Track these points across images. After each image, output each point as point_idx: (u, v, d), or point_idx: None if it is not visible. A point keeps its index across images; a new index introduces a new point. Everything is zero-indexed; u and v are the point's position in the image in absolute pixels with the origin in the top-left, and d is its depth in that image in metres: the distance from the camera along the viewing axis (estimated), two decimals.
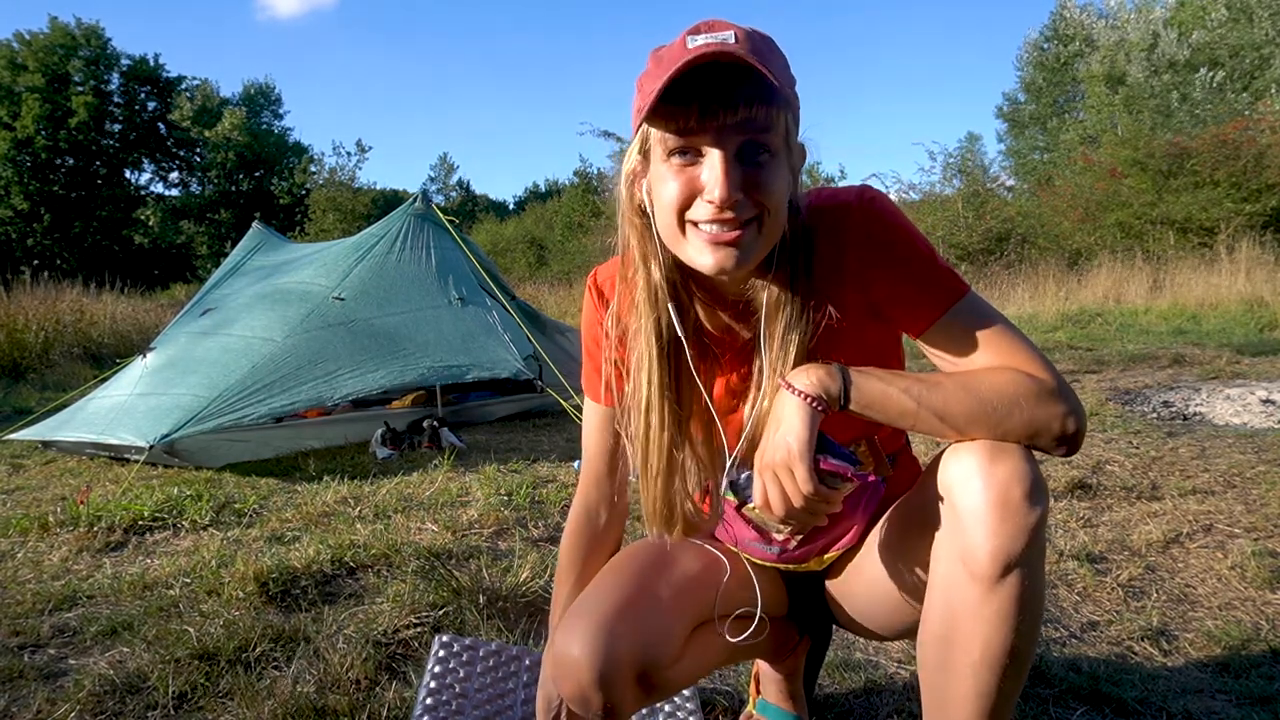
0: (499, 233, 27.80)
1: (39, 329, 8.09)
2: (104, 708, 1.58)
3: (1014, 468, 0.89)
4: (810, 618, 1.37)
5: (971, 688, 0.92)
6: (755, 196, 0.91)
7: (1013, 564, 0.88)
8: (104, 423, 3.88)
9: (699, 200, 0.92)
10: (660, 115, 0.90)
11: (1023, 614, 0.89)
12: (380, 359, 4.28)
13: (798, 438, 0.92)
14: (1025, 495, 0.88)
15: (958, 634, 0.92)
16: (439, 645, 1.53)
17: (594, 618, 1.04)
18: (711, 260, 0.93)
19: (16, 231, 30.85)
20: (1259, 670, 1.62)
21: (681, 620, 1.12)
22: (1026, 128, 26.09)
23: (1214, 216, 12.43)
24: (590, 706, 1.03)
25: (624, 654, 1.02)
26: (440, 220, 5.29)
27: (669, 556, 1.19)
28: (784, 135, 0.93)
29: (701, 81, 0.88)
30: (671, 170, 0.93)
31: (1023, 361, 0.96)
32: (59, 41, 32.10)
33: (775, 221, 0.94)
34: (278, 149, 35.69)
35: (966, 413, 0.93)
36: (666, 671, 1.08)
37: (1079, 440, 0.95)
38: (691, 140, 0.91)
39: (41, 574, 2.40)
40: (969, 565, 0.90)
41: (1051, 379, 0.95)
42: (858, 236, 1.00)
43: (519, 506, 2.93)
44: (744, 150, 0.91)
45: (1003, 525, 0.88)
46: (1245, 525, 2.47)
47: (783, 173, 0.94)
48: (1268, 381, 5.00)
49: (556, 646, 1.05)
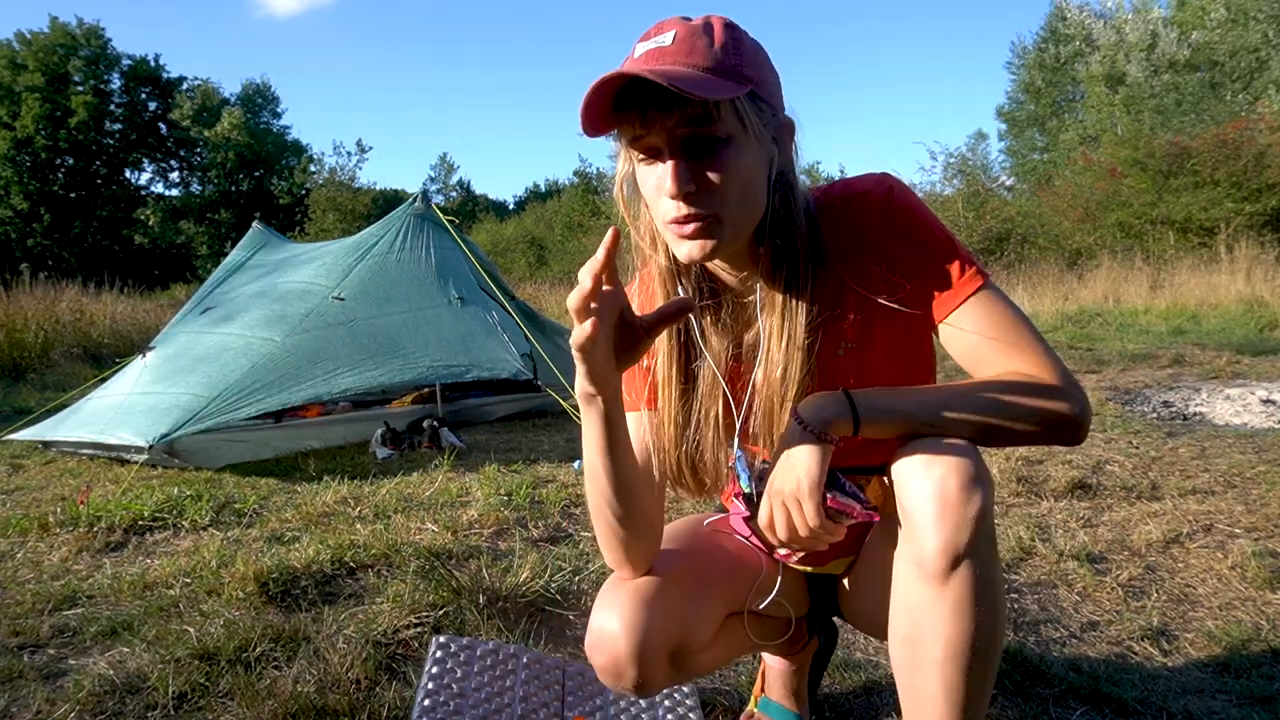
0: (499, 233, 27.80)
1: (39, 329, 8.09)
2: (104, 708, 1.58)
3: (949, 463, 0.90)
4: (822, 618, 1.38)
5: (939, 685, 0.92)
6: (711, 186, 0.93)
7: (960, 557, 0.88)
8: (104, 422, 3.88)
9: (664, 197, 0.95)
10: (615, 124, 0.94)
11: (978, 605, 0.90)
12: (380, 359, 4.28)
13: (808, 473, 0.92)
14: (962, 487, 0.88)
15: (919, 633, 0.93)
16: (436, 646, 1.53)
17: (637, 593, 1.05)
18: (684, 250, 0.96)
19: (16, 231, 30.86)
20: (1259, 670, 1.62)
21: (717, 607, 1.15)
22: (1026, 128, 26.10)
23: (1214, 216, 12.44)
24: (623, 680, 1.05)
25: (660, 632, 1.04)
26: (440, 220, 5.29)
27: (711, 543, 1.21)
28: (739, 119, 0.94)
29: (640, 88, 0.90)
30: (643, 172, 0.97)
31: (1030, 359, 0.97)
32: (59, 41, 32.12)
33: (738, 211, 0.96)
34: (277, 149, 35.71)
35: (972, 428, 0.94)
36: (697, 655, 1.11)
37: (1083, 433, 0.96)
38: (645, 144, 0.95)
39: (41, 574, 2.40)
40: (920, 564, 0.91)
41: (1057, 378, 0.96)
42: (877, 220, 1.02)
43: (519, 506, 2.93)
44: (691, 145, 0.93)
45: (943, 520, 0.88)
46: (1245, 525, 2.47)
47: (741, 159, 0.95)
48: (1268, 381, 5.01)
49: (595, 618, 1.06)
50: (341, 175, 27.63)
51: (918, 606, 0.93)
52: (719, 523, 1.27)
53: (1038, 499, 2.82)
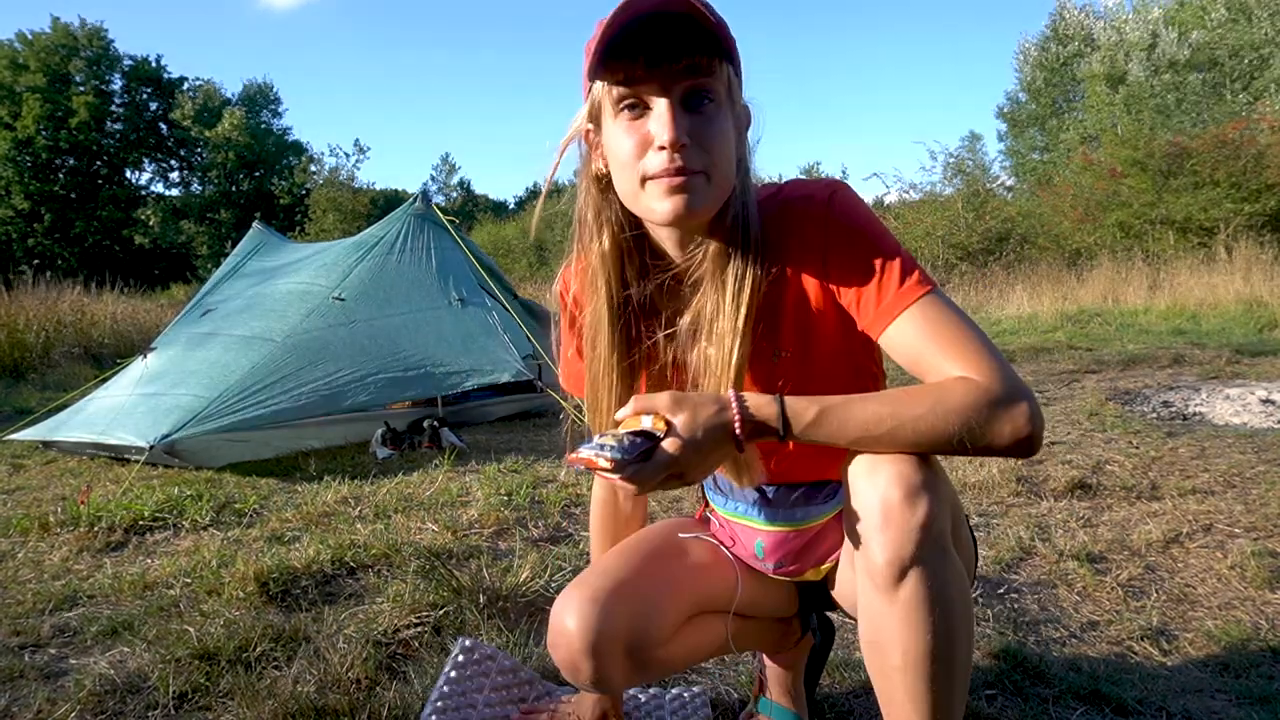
0: (499, 233, 27.78)
1: (39, 329, 8.09)
2: (104, 708, 1.58)
3: (890, 472, 0.88)
4: (815, 617, 1.38)
5: (903, 691, 0.92)
6: (702, 143, 0.93)
7: (906, 567, 0.87)
8: (104, 423, 3.89)
9: (650, 151, 0.93)
10: (606, 69, 0.93)
11: (930, 615, 0.88)
12: (380, 360, 4.28)
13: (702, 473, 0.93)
14: (904, 498, 0.87)
15: (879, 640, 0.93)
16: (461, 650, 1.52)
17: (590, 591, 1.09)
18: (668, 206, 0.94)
19: (17, 231, 30.88)
20: (1259, 670, 1.62)
21: (676, 604, 1.16)
22: (1026, 128, 26.09)
23: (1214, 216, 12.43)
24: (580, 674, 1.08)
25: (615, 628, 1.07)
26: (440, 220, 5.29)
27: (678, 546, 1.24)
28: (727, 85, 0.95)
29: (643, 34, 0.89)
30: (622, 126, 0.95)
31: (976, 366, 0.92)
32: (61, 41, 32.13)
33: (723, 173, 0.95)
34: (277, 149, 35.71)
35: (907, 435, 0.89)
36: (657, 650, 1.12)
37: (1034, 443, 0.90)
38: (638, 89, 0.93)
39: (42, 574, 2.40)
40: (870, 575, 0.90)
41: (1000, 385, 0.90)
42: (819, 223, 1.00)
43: (519, 506, 2.93)
44: (689, 97, 0.93)
45: (886, 531, 0.87)
46: (1245, 525, 2.47)
47: (727, 125, 0.95)
48: (1268, 381, 5.00)
49: (553, 615, 1.10)
50: (341, 175, 27.64)
51: (873, 615, 0.92)
52: (692, 526, 1.31)
53: (1037, 499, 2.82)
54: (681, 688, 1.57)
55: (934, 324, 0.95)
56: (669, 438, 0.90)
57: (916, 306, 0.96)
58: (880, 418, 0.90)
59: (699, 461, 0.91)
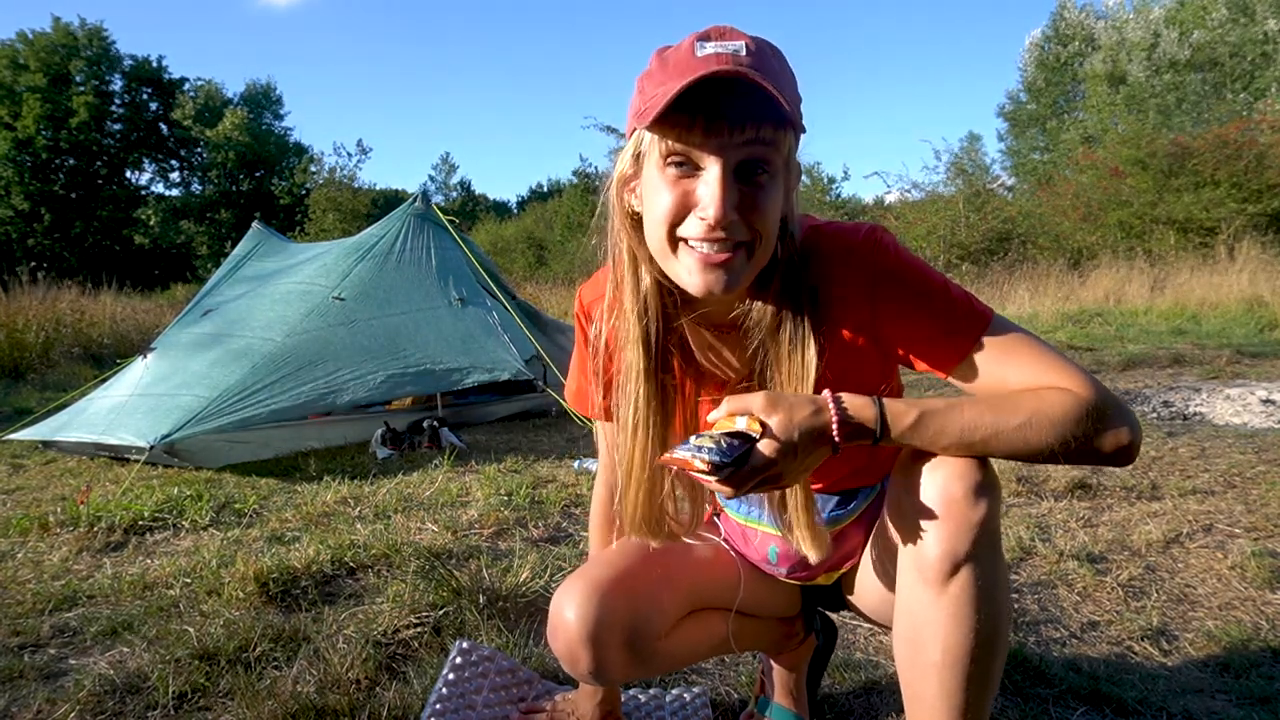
0: (499, 233, 27.78)
1: (39, 329, 8.09)
2: (104, 708, 1.58)
3: (953, 468, 0.89)
4: (819, 618, 1.38)
5: (937, 688, 0.92)
6: (750, 218, 0.88)
7: (959, 563, 0.88)
8: (104, 423, 3.88)
9: (692, 216, 0.88)
10: (663, 121, 0.86)
11: (978, 613, 0.88)
12: (381, 360, 4.28)
13: (801, 476, 0.93)
14: (967, 493, 0.87)
15: (919, 636, 0.93)
16: (458, 651, 1.52)
17: (590, 581, 1.09)
18: (700, 282, 0.90)
19: (16, 231, 30.86)
20: (1259, 670, 1.62)
21: (676, 599, 1.16)
22: (1027, 128, 26.09)
23: (1215, 216, 12.43)
24: (579, 665, 1.09)
25: (614, 618, 1.07)
26: (440, 220, 5.29)
27: (680, 543, 1.22)
28: (785, 155, 0.91)
29: (708, 92, 0.84)
30: (666, 180, 0.89)
31: (1061, 378, 0.91)
32: (61, 41, 32.10)
33: (766, 246, 0.91)
34: (278, 149, 35.70)
35: (1004, 443, 0.89)
36: (656, 643, 1.12)
37: (1134, 451, 0.90)
38: (691, 151, 0.87)
39: (41, 574, 2.40)
40: (919, 568, 0.90)
41: (1097, 396, 0.90)
42: (863, 268, 0.97)
43: (519, 506, 2.93)
44: (743, 168, 0.87)
45: (945, 525, 0.88)
46: (1245, 525, 2.47)
47: (778, 194, 0.90)
48: (1268, 381, 5.00)
49: (553, 605, 1.10)
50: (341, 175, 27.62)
51: (917, 609, 0.92)
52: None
53: (1038, 499, 2.81)
54: (681, 688, 1.57)
55: (1009, 349, 0.94)
56: (765, 439, 0.88)
57: (986, 336, 0.95)
58: (978, 425, 0.89)
59: (795, 464, 0.90)
